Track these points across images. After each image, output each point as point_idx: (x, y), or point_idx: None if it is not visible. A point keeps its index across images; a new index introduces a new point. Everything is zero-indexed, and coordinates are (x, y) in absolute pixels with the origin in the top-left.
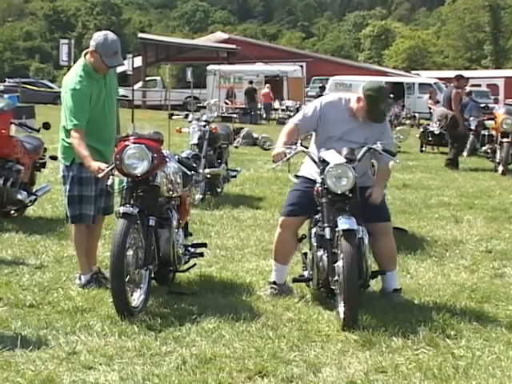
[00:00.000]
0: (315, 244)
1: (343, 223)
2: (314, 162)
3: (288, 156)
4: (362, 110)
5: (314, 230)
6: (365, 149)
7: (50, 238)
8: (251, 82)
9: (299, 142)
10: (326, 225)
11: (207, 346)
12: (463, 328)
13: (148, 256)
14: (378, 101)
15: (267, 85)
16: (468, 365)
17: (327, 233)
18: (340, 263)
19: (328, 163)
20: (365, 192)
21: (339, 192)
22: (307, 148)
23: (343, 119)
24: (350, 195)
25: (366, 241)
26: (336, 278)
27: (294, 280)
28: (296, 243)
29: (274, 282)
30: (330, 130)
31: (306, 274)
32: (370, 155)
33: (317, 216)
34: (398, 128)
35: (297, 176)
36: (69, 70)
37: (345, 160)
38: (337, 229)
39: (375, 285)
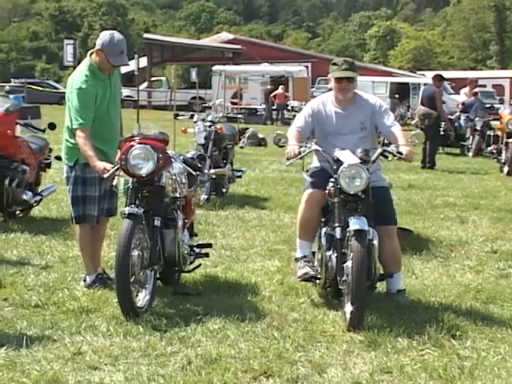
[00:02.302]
0: (324, 244)
1: (354, 223)
2: (328, 161)
3: (302, 154)
4: (337, 89)
5: (323, 230)
6: (379, 151)
7: (56, 239)
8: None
9: (314, 140)
10: (336, 224)
11: (212, 347)
12: (468, 329)
13: (153, 256)
14: (340, 69)
15: (281, 85)
16: (473, 365)
17: (337, 233)
18: (349, 263)
19: (342, 163)
20: (374, 192)
21: (352, 192)
22: None
23: (332, 115)
24: (363, 196)
25: (376, 243)
26: (344, 277)
27: (302, 279)
28: (320, 219)
29: (304, 256)
30: (324, 129)
31: (312, 272)
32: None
33: (325, 218)
34: (412, 132)
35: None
36: (74, 70)
37: (359, 161)
38: (348, 229)
39: (380, 285)
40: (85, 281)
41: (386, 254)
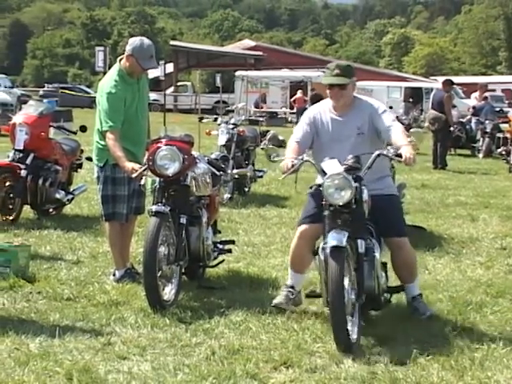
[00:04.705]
0: (321, 260)
1: (331, 239)
2: (319, 172)
3: (295, 166)
4: (329, 95)
5: (320, 246)
6: (374, 155)
7: (86, 235)
8: (313, 90)
9: (305, 153)
10: (325, 240)
11: (235, 338)
12: (479, 321)
13: (179, 252)
14: (331, 74)
15: (299, 90)
16: (483, 357)
17: (326, 249)
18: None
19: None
20: (381, 201)
21: (339, 204)
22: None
23: (328, 122)
24: (354, 206)
25: (378, 255)
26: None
27: (307, 295)
28: (311, 255)
29: (292, 287)
30: (321, 137)
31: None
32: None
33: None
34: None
35: (311, 186)
36: (104, 75)
37: (343, 169)
38: (324, 245)
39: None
40: (114, 275)
41: (399, 265)
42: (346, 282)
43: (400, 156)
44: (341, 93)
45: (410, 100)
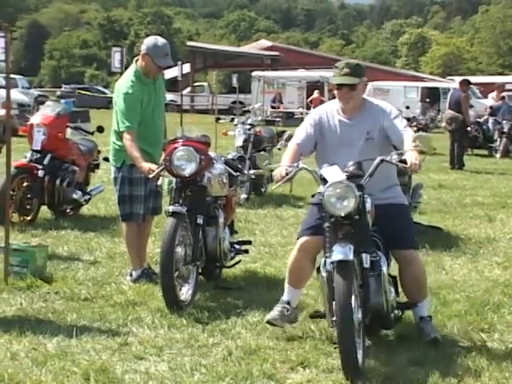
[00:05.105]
0: (325, 275)
1: (337, 253)
2: (317, 180)
3: (290, 175)
4: (338, 96)
5: (322, 260)
6: (376, 162)
7: (104, 236)
8: (330, 90)
9: (301, 160)
10: (327, 255)
11: (252, 338)
12: (496, 322)
13: (196, 252)
14: (340, 74)
15: (316, 90)
16: (501, 357)
17: (326, 265)
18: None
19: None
20: (388, 210)
21: (341, 215)
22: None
23: (336, 124)
24: (357, 217)
25: (385, 269)
26: (334, 317)
27: (311, 316)
28: (312, 269)
29: (288, 302)
30: (327, 141)
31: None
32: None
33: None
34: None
35: (313, 195)
36: (121, 75)
37: (345, 177)
38: (329, 260)
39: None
40: (131, 275)
41: (407, 281)
42: (353, 300)
43: (405, 162)
44: (350, 94)
45: (427, 100)
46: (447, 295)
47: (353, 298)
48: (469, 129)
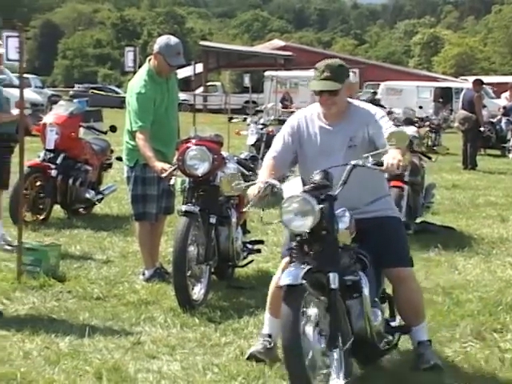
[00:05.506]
0: None
1: (285, 276)
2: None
3: (260, 193)
4: (319, 102)
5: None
6: (348, 167)
7: (116, 235)
8: (375, 93)
9: (291, 173)
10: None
11: None
12: (509, 322)
13: (208, 252)
14: (319, 78)
15: None
16: None
17: None
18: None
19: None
20: (375, 224)
21: (301, 232)
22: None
23: (316, 132)
24: (324, 233)
25: (367, 291)
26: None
27: None
28: None
29: (270, 335)
30: (307, 151)
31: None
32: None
33: None
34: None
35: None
36: (134, 75)
37: (304, 189)
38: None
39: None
40: (144, 275)
41: (401, 303)
42: (310, 327)
43: (380, 164)
44: (332, 100)
45: (440, 100)
46: (460, 295)
47: (310, 326)
48: (482, 129)
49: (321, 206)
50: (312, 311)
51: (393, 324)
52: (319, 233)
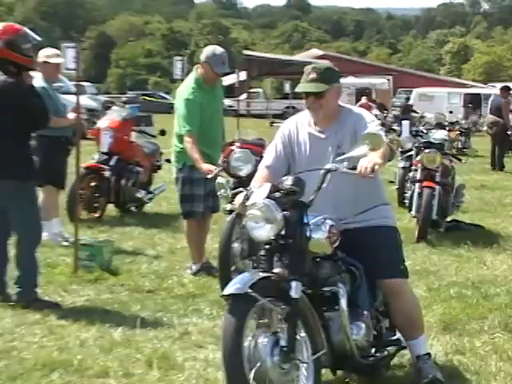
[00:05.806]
0: None
1: (230, 285)
2: None
3: (244, 202)
4: (309, 105)
5: None
6: (322, 173)
7: (166, 232)
8: (408, 99)
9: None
10: None
11: None
12: None
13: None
14: (306, 80)
15: (364, 96)
16: None
17: None
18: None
19: None
20: (367, 234)
21: (263, 239)
22: None
23: (305, 139)
24: (290, 241)
25: (344, 303)
26: None
27: None
28: None
29: None
30: (298, 157)
31: None
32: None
33: None
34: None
35: None
36: (182, 82)
37: (265, 196)
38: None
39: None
40: (191, 269)
41: (395, 315)
42: (264, 339)
43: (355, 169)
44: (318, 103)
45: (469, 105)
46: (488, 289)
47: (260, 338)
48: (509, 132)
49: (284, 213)
50: (267, 322)
51: (390, 338)
52: (286, 241)
